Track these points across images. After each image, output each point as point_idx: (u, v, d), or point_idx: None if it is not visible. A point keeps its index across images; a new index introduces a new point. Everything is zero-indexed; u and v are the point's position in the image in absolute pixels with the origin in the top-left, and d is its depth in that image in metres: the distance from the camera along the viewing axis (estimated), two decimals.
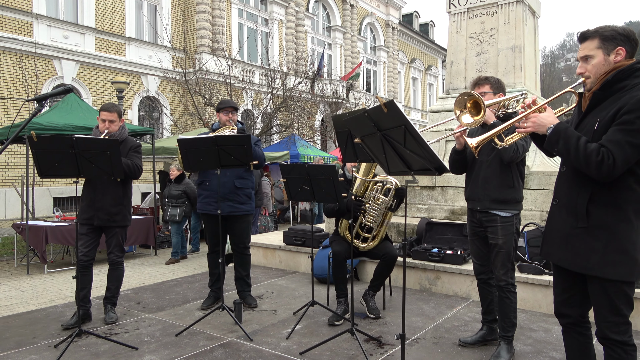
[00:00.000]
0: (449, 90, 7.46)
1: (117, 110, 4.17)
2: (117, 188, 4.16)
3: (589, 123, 2.21)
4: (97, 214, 4.09)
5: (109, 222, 4.15)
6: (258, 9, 21.30)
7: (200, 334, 3.91)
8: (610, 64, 2.16)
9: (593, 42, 2.19)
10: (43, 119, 7.39)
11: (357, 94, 24.34)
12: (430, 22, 37.86)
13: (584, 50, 2.22)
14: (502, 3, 6.89)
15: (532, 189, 5.80)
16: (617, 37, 2.15)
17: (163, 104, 17.29)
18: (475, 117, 2.52)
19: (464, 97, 2.56)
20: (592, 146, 2.08)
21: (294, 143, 14.27)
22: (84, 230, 4.11)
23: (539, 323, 4.12)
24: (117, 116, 4.16)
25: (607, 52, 2.16)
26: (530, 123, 2.27)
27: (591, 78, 2.20)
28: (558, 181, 2.37)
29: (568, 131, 2.16)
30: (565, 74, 57.45)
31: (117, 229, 4.24)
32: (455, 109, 2.60)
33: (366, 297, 4.35)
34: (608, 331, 2.16)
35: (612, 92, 2.15)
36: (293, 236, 6.35)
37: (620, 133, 2.04)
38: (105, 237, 4.29)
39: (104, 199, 4.09)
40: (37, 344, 3.73)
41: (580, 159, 2.10)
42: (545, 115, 2.25)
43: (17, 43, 13.20)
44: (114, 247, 4.27)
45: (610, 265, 2.11)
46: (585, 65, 2.21)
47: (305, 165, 4.00)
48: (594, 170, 2.06)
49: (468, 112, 2.56)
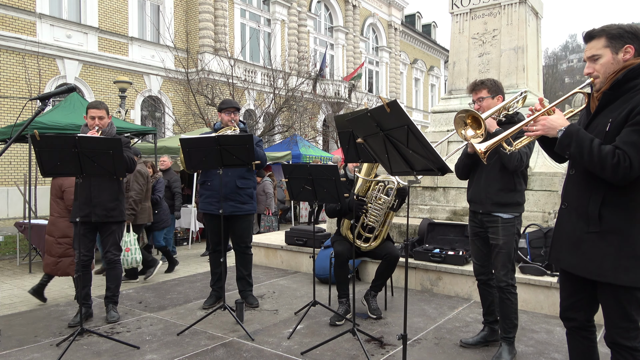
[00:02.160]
0: (451, 91, 7.45)
1: (104, 107, 4.20)
2: (113, 184, 4.15)
3: (599, 124, 2.14)
4: (94, 210, 4.07)
5: (106, 218, 4.13)
6: (260, 9, 21.32)
7: (201, 333, 3.91)
8: (619, 62, 2.10)
9: (600, 41, 2.13)
10: (46, 118, 7.40)
11: (359, 94, 24.34)
12: (433, 23, 37.84)
13: (590, 50, 2.16)
14: (505, 4, 6.88)
15: (534, 190, 5.79)
16: (624, 35, 2.09)
17: (165, 104, 17.32)
18: (477, 131, 2.53)
19: (462, 115, 2.57)
20: (607, 148, 2.01)
21: (296, 143, 14.28)
22: (82, 230, 4.09)
23: (540, 324, 4.11)
24: (106, 112, 4.18)
25: (615, 50, 2.10)
26: (539, 126, 2.19)
27: (600, 78, 2.13)
28: (567, 184, 2.29)
29: (580, 133, 2.08)
30: (568, 76, 57.34)
31: (114, 227, 4.23)
32: (458, 130, 2.60)
33: (368, 297, 4.35)
34: (618, 337, 2.12)
35: (622, 92, 2.08)
36: (295, 236, 6.35)
37: (635, 134, 1.97)
38: (101, 236, 4.27)
39: (101, 195, 4.08)
40: (39, 343, 3.74)
41: (594, 162, 2.02)
42: (555, 118, 2.17)
43: (20, 42, 13.24)
44: (111, 246, 4.26)
45: (624, 271, 2.04)
46: (593, 65, 2.15)
47: (307, 165, 3.99)
48: (609, 173, 1.99)
49: (470, 127, 2.57)
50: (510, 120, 3.18)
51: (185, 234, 9.84)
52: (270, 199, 11.27)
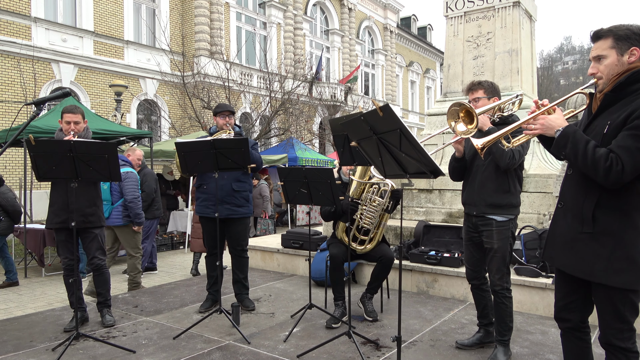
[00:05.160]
0: (446, 94, 7.48)
1: (80, 112, 4.16)
2: (90, 189, 4.08)
3: (598, 125, 2.13)
4: (71, 216, 3.91)
5: (84, 224, 4.03)
6: (256, 13, 21.36)
7: (197, 337, 3.91)
8: (623, 64, 2.07)
9: (606, 41, 2.10)
10: (41, 122, 7.40)
11: (355, 97, 24.39)
12: (428, 26, 37.98)
13: (596, 50, 2.13)
14: (499, 7, 6.93)
15: (529, 192, 5.82)
16: (631, 37, 2.06)
17: (161, 107, 17.31)
18: (469, 126, 2.51)
19: (456, 108, 2.55)
20: (601, 151, 2.01)
21: (292, 146, 14.31)
22: (62, 237, 4.03)
23: (535, 325, 4.13)
24: (82, 117, 4.13)
25: (620, 52, 2.07)
26: (538, 125, 2.19)
27: (603, 79, 2.12)
28: (564, 184, 2.30)
29: (577, 134, 2.08)
30: (563, 77, 57.64)
31: (95, 231, 4.15)
32: (449, 121, 2.59)
33: (364, 299, 4.36)
34: (612, 338, 2.13)
35: (624, 95, 2.07)
36: (291, 239, 6.35)
37: (630, 139, 1.97)
38: (84, 242, 4.17)
39: (79, 201, 3.94)
40: (34, 347, 3.73)
41: (588, 164, 2.03)
42: (554, 117, 2.16)
43: (15, 46, 13.22)
44: (96, 251, 4.18)
45: (616, 272, 2.05)
46: (598, 65, 2.12)
47: (302, 169, 4.00)
48: (601, 176, 2.00)
49: (462, 121, 2.56)
50: (505, 122, 3.18)
51: (181, 237, 9.85)
52: (266, 202, 11.30)
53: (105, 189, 5.59)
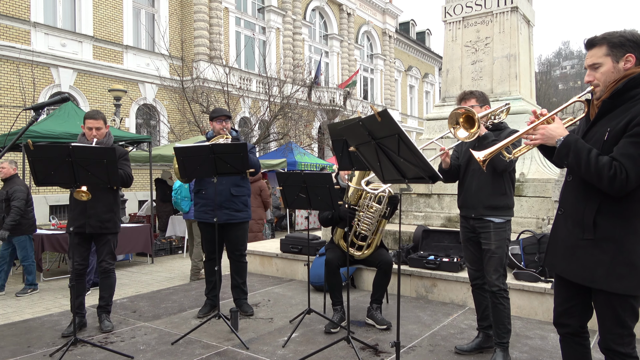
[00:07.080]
0: (445, 99, 7.50)
1: (102, 117, 4.19)
2: (108, 195, 4.16)
3: (597, 132, 2.14)
4: (88, 222, 4.08)
5: (100, 229, 4.13)
6: (255, 18, 21.42)
7: (196, 342, 3.90)
8: (620, 71, 2.08)
9: (601, 49, 2.11)
10: (40, 127, 7.40)
11: (354, 101, 24.44)
12: (427, 31, 38.11)
13: (591, 58, 2.14)
14: (497, 12, 6.95)
15: (527, 197, 5.82)
16: (626, 44, 2.07)
17: (160, 112, 17.31)
18: (471, 130, 2.55)
19: (457, 112, 2.59)
20: (604, 160, 2.01)
21: (291, 151, 14.32)
22: (76, 240, 4.09)
23: (535, 330, 4.12)
24: (103, 123, 4.17)
25: (616, 59, 2.08)
26: (538, 135, 2.17)
27: (600, 86, 2.13)
28: (564, 190, 2.29)
29: (578, 143, 2.07)
30: (561, 82, 57.75)
31: (109, 236, 4.23)
32: (450, 127, 2.64)
33: (371, 312, 4.25)
34: (612, 343, 2.12)
35: (622, 101, 2.08)
36: (290, 244, 6.35)
37: (632, 146, 1.97)
38: (96, 245, 4.26)
39: (96, 206, 4.07)
40: (32, 353, 3.71)
41: (592, 173, 2.02)
42: (554, 127, 2.15)
43: (14, 51, 13.23)
44: (106, 255, 4.25)
45: (617, 278, 2.05)
46: (594, 73, 2.14)
47: (301, 173, 4.01)
48: (606, 184, 2.00)
49: (462, 127, 2.59)
50: (497, 128, 3.40)
51: (180, 242, 9.82)
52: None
53: (186, 187, 6.56)
